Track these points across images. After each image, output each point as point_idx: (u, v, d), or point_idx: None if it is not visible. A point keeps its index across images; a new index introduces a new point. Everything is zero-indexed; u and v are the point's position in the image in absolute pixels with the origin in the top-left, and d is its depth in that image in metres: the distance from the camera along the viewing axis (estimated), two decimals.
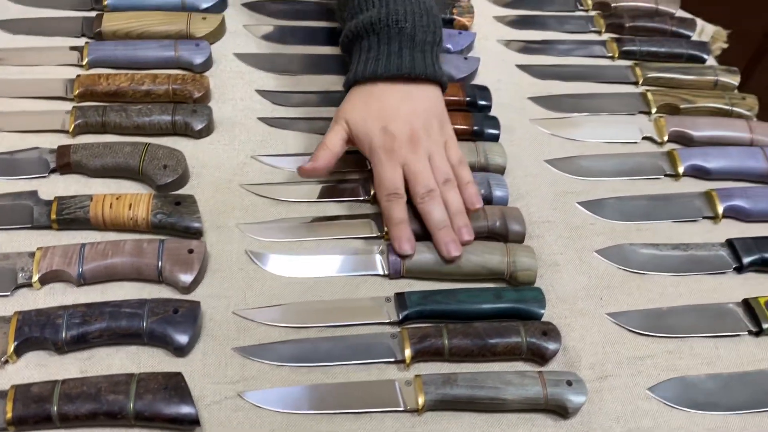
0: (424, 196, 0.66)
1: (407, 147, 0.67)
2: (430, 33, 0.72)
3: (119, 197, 0.66)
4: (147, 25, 0.84)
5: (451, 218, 0.66)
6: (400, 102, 0.69)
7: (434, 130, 0.69)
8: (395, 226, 0.65)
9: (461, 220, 0.66)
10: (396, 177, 0.66)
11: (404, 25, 0.70)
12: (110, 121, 0.74)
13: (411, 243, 0.65)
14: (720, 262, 0.72)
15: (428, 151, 0.68)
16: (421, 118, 0.69)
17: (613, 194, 0.78)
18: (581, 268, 0.70)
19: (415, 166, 0.67)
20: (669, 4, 1.04)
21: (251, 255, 0.66)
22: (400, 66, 0.69)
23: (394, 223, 0.66)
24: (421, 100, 0.70)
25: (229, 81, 0.83)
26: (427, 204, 0.66)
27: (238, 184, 0.73)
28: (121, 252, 0.62)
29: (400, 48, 0.70)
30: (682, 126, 0.85)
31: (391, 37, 0.70)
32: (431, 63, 0.71)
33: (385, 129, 0.67)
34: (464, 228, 0.66)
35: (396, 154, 0.67)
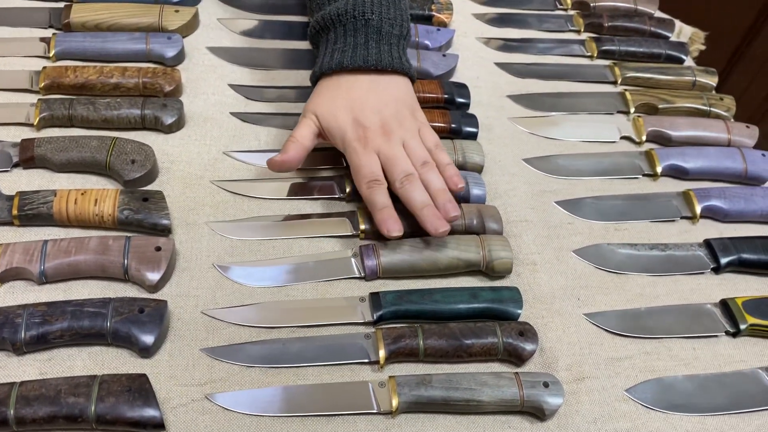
0: (403, 180, 0.64)
1: (380, 136, 0.66)
2: (397, 26, 0.71)
3: (85, 192, 0.64)
4: (117, 17, 0.82)
5: (434, 197, 0.64)
6: (367, 92, 0.68)
7: (406, 117, 0.68)
8: (380, 211, 0.63)
9: (444, 196, 0.64)
10: (373, 164, 0.65)
11: (371, 16, 0.69)
12: (77, 114, 0.72)
13: (398, 224, 0.63)
14: (698, 263, 0.72)
15: (402, 138, 0.67)
16: (391, 107, 0.68)
17: (591, 194, 0.78)
18: (559, 268, 0.69)
19: (390, 152, 0.65)
20: (648, 4, 1.04)
21: (218, 268, 0.63)
22: (366, 57, 0.68)
23: (378, 208, 0.64)
24: (390, 90, 0.69)
25: (201, 75, 0.81)
26: (405, 187, 0.64)
27: (209, 181, 0.71)
28: (85, 249, 0.60)
29: (366, 40, 0.69)
30: (660, 126, 0.84)
31: (357, 29, 0.69)
32: (398, 55, 0.70)
33: (356, 120, 0.66)
34: (449, 203, 0.64)
35: (370, 143, 0.66)
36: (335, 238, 0.68)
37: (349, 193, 0.71)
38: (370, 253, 0.65)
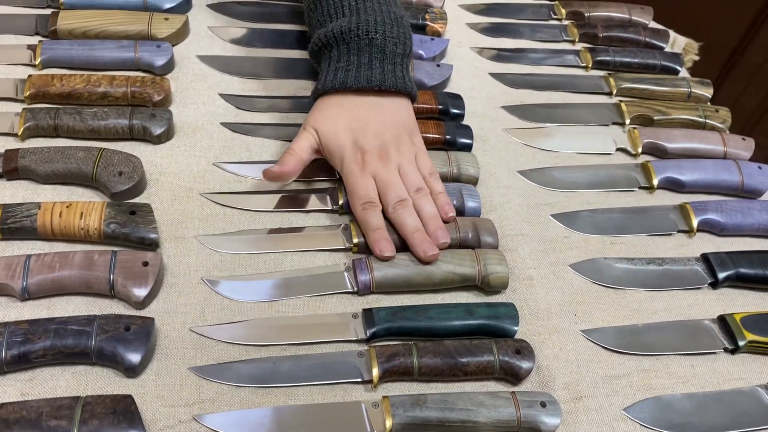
0: (396, 205, 0.65)
1: (378, 160, 0.67)
2: (401, 44, 0.71)
3: (70, 205, 0.62)
4: (105, 25, 0.80)
5: (425, 223, 0.65)
6: (370, 114, 0.68)
7: (404, 142, 0.69)
8: (373, 232, 0.64)
9: (435, 222, 0.66)
10: (369, 187, 0.66)
11: (374, 36, 0.69)
12: (63, 124, 0.70)
13: (390, 246, 0.64)
14: (695, 277, 0.71)
15: (398, 163, 0.68)
16: (391, 131, 0.68)
17: (587, 207, 0.77)
18: (555, 283, 0.68)
19: (386, 177, 0.66)
20: (642, 15, 1.03)
21: (207, 282, 0.62)
22: (370, 78, 0.68)
23: (371, 229, 0.64)
24: (391, 113, 0.70)
25: (191, 84, 0.79)
26: (398, 212, 0.65)
27: (199, 193, 0.69)
28: (69, 264, 0.58)
29: (370, 60, 0.69)
30: (656, 138, 0.84)
31: (361, 48, 0.69)
32: (401, 75, 0.70)
33: (355, 143, 0.67)
34: (439, 231, 0.65)
35: (367, 166, 0.67)
36: (327, 251, 0.66)
37: (342, 205, 0.69)
38: (363, 267, 0.63)
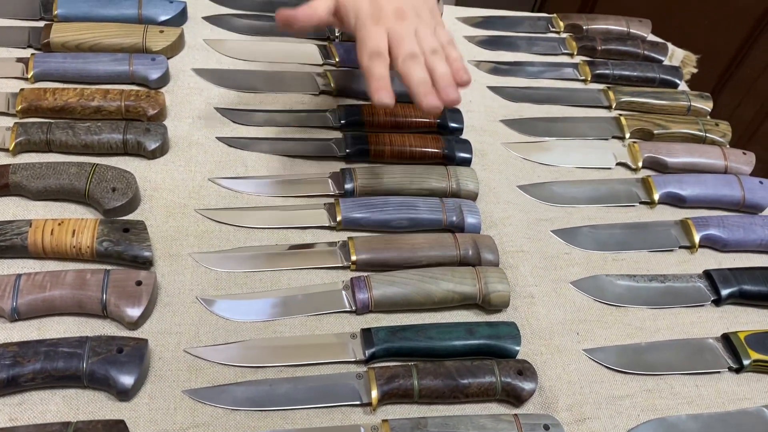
0: (407, 57, 0.62)
1: (393, 18, 0.64)
2: None
3: (62, 223, 0.61)
4: (99, 37, 0.79)
5: (436, 80, 0.62)
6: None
7: (423, 10, 0.66)
8: (376, 80, 0.60)
9: (447, 80, 0.62)
10: (380, 38, 0.62)
11: None
12: (55, 139, 0.69)
13: (391, 95, 0.60)
14: (698, 295, 0.70)
15: (415, 26, 0.64)
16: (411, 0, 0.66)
17: (587, 222, 0.76)
18: (557, 301, 0.67)
19: (400, 32, 0.63)
20: (640, 27, 1.03)
21: (202, 302, 0.60)
22: None
23: (374, 78, 0.61)
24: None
25: (186, 98, 0.78)
26: (407, 63, 0.61)
27: (194, 209, 0.68)
28: (61, 284, 0.57)
29: None
30: (656, 152, 0.83)
31: None
32: None
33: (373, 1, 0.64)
34: (450, 87, 0.61)
35: (382, 21, 0.63)
36: (325, 269, 0.65)
37: (340, 222, 0.68)
38: (362, 285, 0.62)
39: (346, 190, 0.72)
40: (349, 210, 0.69)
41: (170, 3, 0.85)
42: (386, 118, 0.80)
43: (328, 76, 0.83)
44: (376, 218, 0.69)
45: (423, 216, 0.70)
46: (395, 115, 0.80)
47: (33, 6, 0.83)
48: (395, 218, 0.69)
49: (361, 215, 0.69)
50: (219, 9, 0.90)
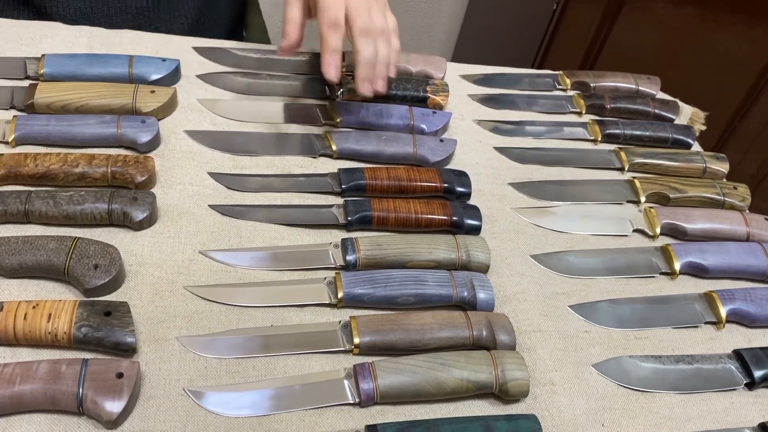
0: (362, 30, 0.71)
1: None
2: None
3: (37, 305, 0.55)
4: (87, 98, 0.75)
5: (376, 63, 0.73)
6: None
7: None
8: (330, 53, 0.70)
9: (383, 69, 0.74)
10: (339, 9, 0.70)
11: None
12: (35, 209, 0.63)
13: (337, 70, 0.70)
14: (729, 378, 0.65)
15: (369, 6, 0.72)
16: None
17: (606, 295, 0.71)
18: (579, 388, 0.61)
19: (357, 6, 0.71)
20: (649, 85, 1.00)
21: (189, 394, 0.55)
22: None
23: (329, 50, 0.70)
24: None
25: (178, 162, 0.73)
26: (362, 38, 0.71)
27: (183, 286, 0.62)
28: (32, 377, 0.51)
29: None
30: (674, 218, 0.79)
31: None
32: None
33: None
34: (381, 78, 0.74)
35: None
36: (325, 354, 0.60)
37: (341, 299, 0.63)
38: (366, 374, 0.56)
39: (347, 263, 0.67)
40: (351, 285, 0.64)
41: (162, 61, 0.81)
42: (390, 183, 0.75)
43: (328, 138, 0.79)
44: (381, 294, 0.64)
45: (431, 291, 0.65)
46: (399, 179, 0.75)
47: (17, 65, 0.78)
48: (401, 294, 0.64)
49: (364, 291, 0.64)
50: (214, 67, 0.86)
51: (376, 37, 0.72)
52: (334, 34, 0.70)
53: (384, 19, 0.74)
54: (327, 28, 0.70)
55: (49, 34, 0.84)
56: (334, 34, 0.70)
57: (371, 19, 0.72)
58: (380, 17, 0.73)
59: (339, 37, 0.70)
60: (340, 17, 0.70)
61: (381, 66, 0.73)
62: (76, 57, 0.79)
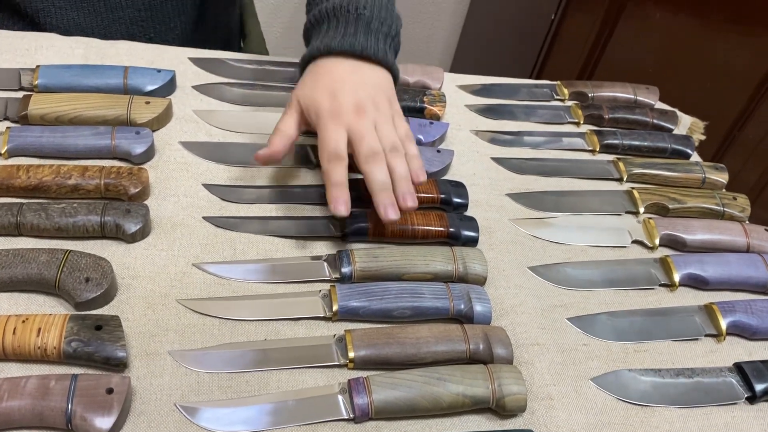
0: (369, 156, 0.65)
1: (353, 114, 0.67)
2: (386, 25, 0.73)
3: (26, 319, 0.55)
4: (81, 109, 0.74)
5: (396, 183, 0.65)
6: (349, 74, 0.70)
7: (382, 102, 0.69)
8: (334, 187, 0.64)
9: (405, 186, 0.66)
10: (339, 139, 0.65)
11: (363, 11, 0.72)
12: (26, 222, 0.63)
13: (347, 205, 0.64)
14: (730, 391, 0.64)
15: (374, 120, 0.67)
16: (369, 91, 0.69)
17: (605, 308, 0.70)
18: (577, 402, 0.60)
19: (360, 129, 0.66)
20: (648, 95, 0.99)
21: (181, 409, 0.54)
22: (353, 44, 0.70)
23: (332, 183, 0.64)
24: (371, 76, 0.71)
25: (172, 174, 0.73)
26: (371, 164, 0.65)
27: (175, 299, 0.61)
28: (20, 393, 0.50)
29: (356, 30, 0.71)
30: (673, 229, 0.78)
31: (349, 21, 0.72)
32: (383, 49, 0.72)
33: (332, 95, 0.67)
34: (408, 194, 0.65)
35: (342, 118, 0.66)
36: (319, 368, 0.59)
37: (336, 312, 0.62)
38: (361, 389, 0.55)
39: (343, 275, 0.66)
40: (346, 298, 0.63)
41: (158, 72, 0.81)
42: None
43: None
44: (376, 307, 0.63)
45: (427, 304, 0.64)
46: None
47: (12, 76, 0.78)
48: (397, 307, 0.63)
49: (359, 304, 0.63)
50: (210, 78, 0.86)
51: (387, 157, 0.65)
52: (337, 167, 0.64)
53: (393, 131, 0.68)
54: (327, 163, 0.64)
55: (45, 45, 0.84)
56: (336, 168, 0.64)
57: (378, 137, 0.66)
58: (388, 129, 0.67)
59: (342, 169, 0.64)
60: (340, 148, 0.65)
61: (401, 183, 0.65)
62: (70, 68, 0.79)
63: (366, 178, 0.65)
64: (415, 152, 0.68)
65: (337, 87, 0.68)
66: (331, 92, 0.68)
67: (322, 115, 0.67)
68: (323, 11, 0.74)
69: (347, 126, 0.66)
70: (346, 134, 0.66)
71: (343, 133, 0.66)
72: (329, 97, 0.67)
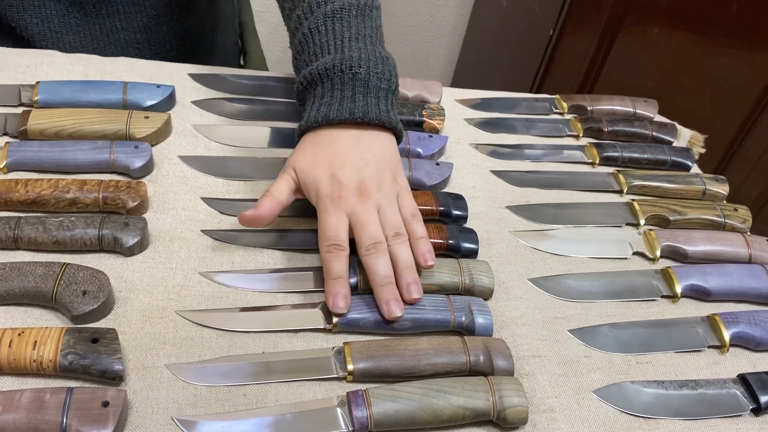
0: (370, 248, 0.61)
1: (355, 197, 0.63)
2: (385, 80, 0.69)
3: (22, 332, 0.54)
4: (80, 124, 0.75)
5: (399, 273, 0.62)
6: (350, 149, 0.66)
7: (386, 180, 0.66)
8: (332, 281, 0.60)
9: (410, 275, 0.62)
10: (340, 226, 0.62)
11: (358, 70, 0.67)
12: (24, 235, 0.63)
13: (346, 301, 0.60)
14: (734, 403, 0.63)
15: (378, 203, 0.64)
16: (372, 168, 0.65)
17: (606, 319, 0.69)
18: (580, 414, 0.59)
19: (362, 216, 0.62)
20: (647, 108, 0.99)
21: (178, 423, 0.53)
22: (352, 110, 0.66)
23: (331, 276, 0.61)
24: (373, 147, 0.67)
25: (170, 187, 0.73)
26: (372, 256, 0.61)
27: (173, 311, 0.61)
28: (15, 407, 0.49)
29: (353, 93, 0.67)
30: (674, 240, 0.77)
31: (345, 83, 0.67)
32: (385, 109, 0.68)
33: (333, 176, 0.64)
34: (413, 285, 0.62)
35: (343, 202, 0.63)
36: (318, 381, 0.58)
37: (336, 324, 0.61)
38: (360, 401, 0.55)
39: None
40: None
41: (157, 87, 0.81)
42: None
43: None
44: (377, 318, 0.62)
45: (428, 316, 0.63)
46: None
47: (11, 92, 0.78)
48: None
49: (359, 315, 0.62)
50: (209, 93, 0.86)
51: (390, 244, 0.62)
52: (336, 258, 0.60)
53: (397, 213, 0.64)
54: (327, 252, 0.61)
55: (45, 62, 0.84)
56: (334, 259, 0.60)
57: (381, 225, 0.62)
58: (392, 212, 0.64)
59: (343, 261, 0.61)
60: (341, 237, 0.61)
61: (405, 273, 0.61)
62: (70, 84, 0.79)
63: (367, 270, 0.61)
64: (421, 233, 0.64)
65: (338, 165, 0.64)
66: (331, 171, 0.64)
67: (323, 198, 0.63)
68: (314, 72, 0.68)
69: (350, 211, 0.62)
70: (347, 220, 0.62)
71: (345, 219, 0.62)
72: (330, 177, 0.63)
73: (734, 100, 1.51)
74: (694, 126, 1.00)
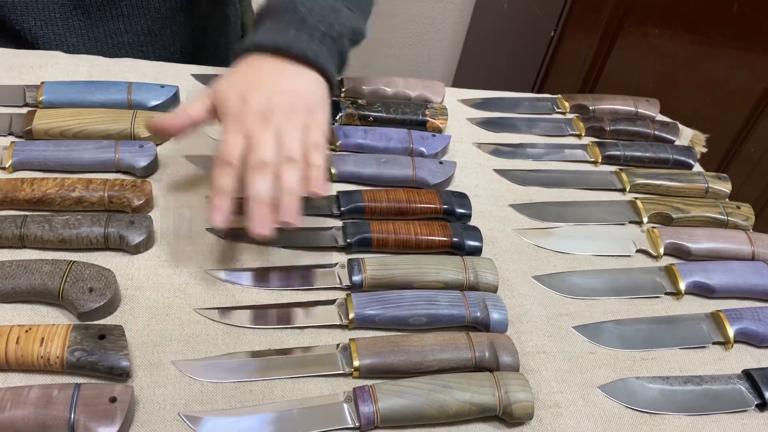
0: (254, 167, 0.59)
1: (257, 119, 0.61)
2: (326, 24, 0.67)
3: (29, 329, 0.54)
4: (85, 124, 0.75)
5: (280, 197, 0.59)
6: (267, 75, 0.65)
7: (297, 111, 0.63)
8: (215, 194, 0.59)
9: (290, 198, 0.59)
10: (234, 144, 0.60)
11: (300, 8, 0.67)
12: (30, 234, 0.63)
13: (224, 216, 0.58)
14: (739, 398, 0.63)
15: (278, 128, 0.61)
16: (285, 98, 0.63)
17: (610, 316, 0.69)
18: (585, 410, 0.60)
19: (256, 138, 0.60)
20: (648, 107, 1.00)
21: (185, 419, 0.53)
22: (276, 39, 0.65)
23: (215, 190, 0.59)
24: (294, 81, 0.65)
25: (175, 186, 0.73)
26: (252, 173, 0.59)
27: (179, 309, 0.61)
28: (23, 403, 0.49)
29: (287, 26, 0.66)
30: (678, 238, 0.78)
31: (282, 15, 0.67)
32: (317, 49, 0.66)
33: (242, 97, 0.62)
34: (290, 207, 0.58)
35: (244, 123, 0.61)
36: (324, 377, 0.58)
37: (352, 320, 0.62)
38: (366, 397, 0.55)
39: (353, 283, 0.65)
40: (362, 306, 0.62)
41: (161, 87, 0.81)
42: (389, 205, 0.74)
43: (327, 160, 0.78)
44: (392, 315, 0.62)
45: (443, 312, 0.63)
46: (398, 201, 0.75)
47: (16, 92, 0.79)
48: (412, 314, 0.63)
49: (375, 312, 0.62)
50: None
51: (280, 166, 0.59)
52: (223, 174, 0.59)
53: (297, 141, 0.61)
54: (217, 167, 0.59)
55: (50, 62, 0.85)
56: (222, 176, 0.59)
57: (277, 147, 0.60)
58: (292, 141, 0.61)
59: (228, 176, 0.59)
60: (232, 153, 0.59)
61: (284, 196, 0.58)
62: (75, 84, 0.80)
63: (246, 186, 0.59)
64: (317, 162, 0.61)
65: (250, 88, 0.63)
66: (241, 93, 0.62)
67: (226, 115, 0.62)
68: (266, 6, 0.69)
69: (247, 131, 0.60)
70: (243, 141, 0.60)
71: (240, 138, 0.60)
72: (239, 98, 0.62)
73: (734, 101, 1.51)
74: (694, 127, 1.00)
